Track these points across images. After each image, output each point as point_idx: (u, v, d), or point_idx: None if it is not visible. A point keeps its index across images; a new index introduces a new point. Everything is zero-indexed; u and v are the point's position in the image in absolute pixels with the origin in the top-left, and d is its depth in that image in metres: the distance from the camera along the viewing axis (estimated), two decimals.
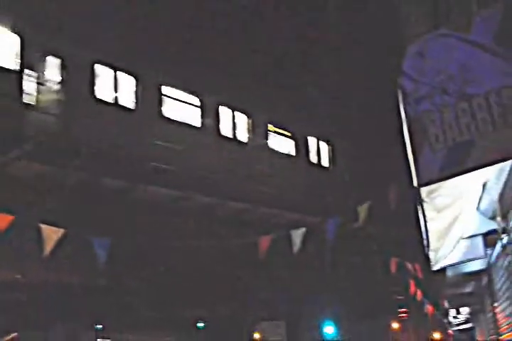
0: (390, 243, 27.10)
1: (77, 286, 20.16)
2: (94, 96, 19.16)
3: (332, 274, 25.75)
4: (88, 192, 18.78)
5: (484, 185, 7.10)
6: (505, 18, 5.03)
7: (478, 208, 7.81)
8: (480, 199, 7.49)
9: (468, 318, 20.15)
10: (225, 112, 23.29)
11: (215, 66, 23.37)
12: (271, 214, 23.84)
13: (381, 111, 19.61)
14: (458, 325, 22.30)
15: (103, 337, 27.76)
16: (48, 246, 13.33)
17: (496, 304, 10.84)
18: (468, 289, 14.04)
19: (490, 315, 12.20)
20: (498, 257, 9.39)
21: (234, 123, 23.59)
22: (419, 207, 7.63)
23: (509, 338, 9.80)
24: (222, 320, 27.90)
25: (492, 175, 6.85)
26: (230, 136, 23.35)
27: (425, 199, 7.05)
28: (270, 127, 25.21)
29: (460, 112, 5.08)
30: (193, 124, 21.99)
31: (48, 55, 18.23)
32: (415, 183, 5.44)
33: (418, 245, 9.81)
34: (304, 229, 15.39)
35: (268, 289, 24.77)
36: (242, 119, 24.01)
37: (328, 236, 15.06)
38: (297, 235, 15.27)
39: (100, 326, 25.76)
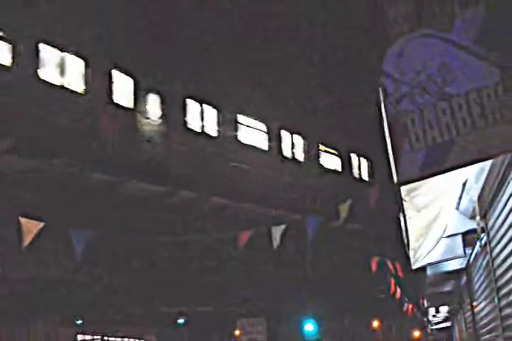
0: (371, 241, 27.25)
1: (57, 281, 20.09)
2: (186, 126, 22.04)
3: (313, 271, 25.84)
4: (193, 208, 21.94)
5: (464, 185, 7.14)
6: (487, 19, 5.06)
7: (457, 207, 7.86)
8: (459, 198, 7.54)
9: (447, 317, 20.30)
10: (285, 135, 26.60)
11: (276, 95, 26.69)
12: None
13: None
14: (437, 323, 22.47)
15: (83, 333, 27.75)
16: (27, 239, 13.31)
17: (474, 303, 10.92)
18: (447, 288, 14.14)
19: (468, 313, 12.29)
20: (477, 256, 9.46)
21: (293, 145, 26.90)
22: (399, 206, 7.66)
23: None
24: (203, 316, 27.94)
25: (472, 175, 6.89)
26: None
27: (405, 198, 7.08)
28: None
29: (440, 112, 5.10)
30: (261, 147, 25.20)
31: (150, 93, 21.03)
32: (395, 182, 5.45)
33: (399, 244, 9.88)
34: (283, 226, 15.44)
35: (249, 286, 24.81)
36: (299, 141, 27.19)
37: (308, 233, 15.12)
38: (277, 231, 15.31)
39: (80, 321, 25.73)
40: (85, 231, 14.39)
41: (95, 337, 28.68)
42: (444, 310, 18.85)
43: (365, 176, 30.84)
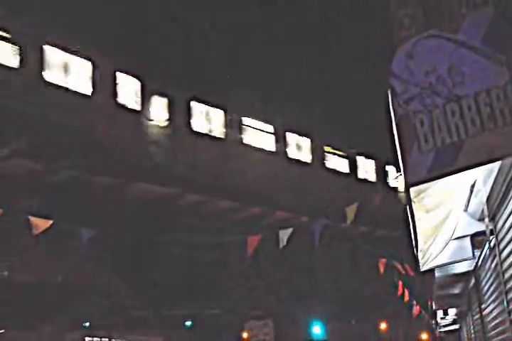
0: (380, 243, 27.19)
1: (64, 285, 20.11)
2: (191, 129, 22.31)
3: (321, 274, 25.79)
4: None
5: (472, 187, 7.11)
6: (495, 20, 5.05)
7: (466, 209, 7.82)
8: (468, 200, 7.50)
9: (455, 319, 20.21)
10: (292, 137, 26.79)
11: (286, 96, 26.78)
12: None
13: None
14: (445, 326, 22.37)
15: (90, 336, 27.73)
16: (37, 230, 13.34)
17: (483, 305, 10.87)
18: (455, 290, 14.08)
19: (477, 316, 12.23)
20: (485, 259, 9.42)
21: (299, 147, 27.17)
22: (407, 208, 7.63)
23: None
24: (210, 319, 27.90)
25: (480, 177, 6.86)
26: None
27: (414, 199, 7.06)
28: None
29: (449, 113, 5.09)
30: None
31: (155, 95, 21.40)
32: (404, 184, 5.44)
33: (407, 246, 9.84)
34: (290, 229, 15.43)
35: (257, 288, 24.78)
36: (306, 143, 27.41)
37: (316, 236, 15.10)
38: (285, 234, 15.28)
39: (87, 324, 25.71)
40: (93, 234, 14.39)
41: (102, 339, 28.66)
42: (452, 312, 18.76)
43: (372, 178, 30.70)
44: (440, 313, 19.77)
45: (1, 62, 17.51)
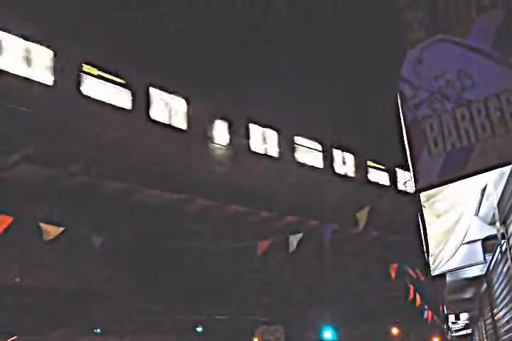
0: (390, 248, 27.12)
1: (75, 290, 20.15)
2: (250, 149, 23.84)
3: (331, 278, 25.74)
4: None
5: (483, 191, 7.09)
6: (504, 24, 5.04)
7: (477, 214, 7.79)
8: (479, 204, 7.48)
9: (467, 324, 20.11)
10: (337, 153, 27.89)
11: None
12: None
13: None
14: (457, 330, 22.27)
15: None
16: (48, 237, 13.39)
17: (495, 310, 10.82)
18: (467, 295, 14.02)
19: (489, 321, 12.17)
20: (497, 263, 9.37)
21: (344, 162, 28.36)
22: (418, 213, 7.62)
23: None
24: (221, 325, 27.87)
25: (491, 181, 6.83)
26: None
27: (424, 204, 7.05)
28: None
29: (459, 117, 5.08)
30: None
31: (218, 119, 22.98)
32: (414, 188, 5.43)
33: (419, 250, 9.81)
34: (300, 234, 15.46)
35: (267, 293, 24.75)
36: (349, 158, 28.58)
37: (325, 240, 15.13)
38: (294, 240, 15.30)
39: (99, 330, 25.73)
40: (103, 240, 14.43)
41: None
42: (464, 317, 18.68)
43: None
44: (452, 318, 19.69)
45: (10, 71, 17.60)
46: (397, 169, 30.53)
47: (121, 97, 20.16)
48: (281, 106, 24.66)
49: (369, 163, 29.46)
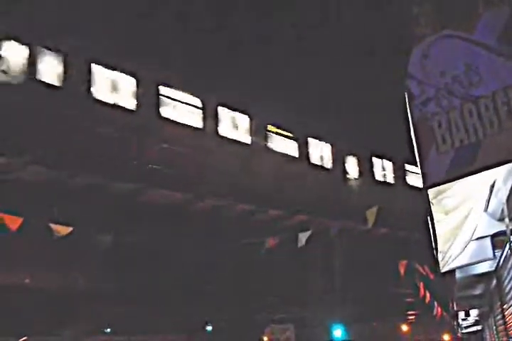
0: (399, 245, 27.09)
1: (84, 291, 20.20)
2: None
3: (341, 276, 25.72)
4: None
5: (492, 187, 7.06)
6: (510, 19, 5.02)
7: (486, 210, 7.77)
8: (488, 200, 7.45)
9: (477, 320, 20.07)
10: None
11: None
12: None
13: None
14: (467, 327, 22.23)
15: None
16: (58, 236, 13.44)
17: (505, 306, 10.80)
18: (477, 291, 13.98)
19: (499, 316, 12.15)
20: (506, 259, 9.35)
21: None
22: (427, 209, 7.59)
23: None
24: (231, 324, 27.90)
25: (500, 176, 6.81)
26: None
27: (432, 201, 7.02)
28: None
29: (467, 114, 5.06)
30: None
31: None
32: (422, 185, 5.41)
33: (427, 247, 9.79)
34: (309, 232, 15.45)
35: (277, 292, 24.75)
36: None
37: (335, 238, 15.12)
38: (303, 237, 15.30)
39: (108, 330, 25.81)
40: (112, 239, 14.45)
41: None
42: (474, 313, 18.63)
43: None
44: (462, 314, 19.64)
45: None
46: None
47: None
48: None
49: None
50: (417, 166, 5.54)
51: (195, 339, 29.48)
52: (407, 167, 30.70)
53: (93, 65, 19.19)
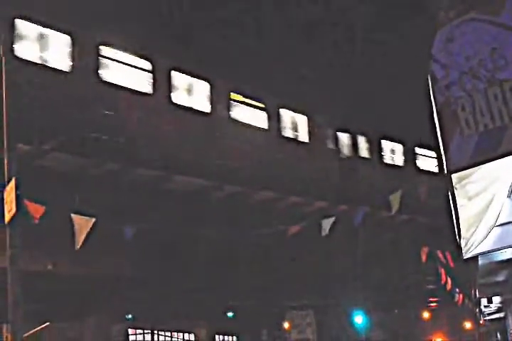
0: (421, 231, 26.96)
1: (107, 278, 20.31)
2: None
3: (362, 263, 25.69)
4: None
5: None
6: None
7: (510, 195, 7.70)
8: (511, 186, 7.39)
9: (499, 307, 19.95)
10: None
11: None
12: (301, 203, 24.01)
13: None
14: (489, 314, 22.10)
15: (134, 328, 28.02)
16: (80, 237, 13.54)
17: None
18: (500, 278, 13.88)
19: None
20: None
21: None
22: (449, 195, 7.54)
23: None
24: (252, 310, 27.99)
25: None
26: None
27: (456, 186, 6.96)
28: None
29: (491, 98, 5.01)
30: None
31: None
32: (446, 170, 5.37)
33: (450, 233, 9.73)
34: (333, 218, 15.42)
35: (297, 278, 24.77)
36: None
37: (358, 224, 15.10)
38: (327, 224, 15.27)
39: (131, 317, 25.99)
40: (134, 227, 14.50)
41: (145, 331, 28.96)
42: (496, 300, 18.52)
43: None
44: (484, 301, 19.54)
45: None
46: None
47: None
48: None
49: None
50: (438, 150, 5.50)
51: (217, 325, 29.62)
52: (418, 150, 30.02)
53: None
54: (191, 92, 21.60)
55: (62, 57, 18.21)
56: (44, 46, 18.05)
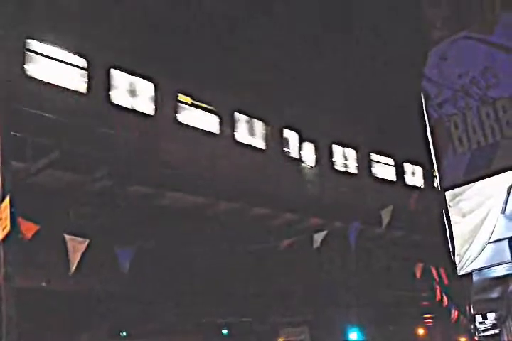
0: (415, 247, 26.99)
1: (100, 294, 20.23)
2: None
3: (356, 279, 25.67)
4: None
5: (510, 189, 7.03)
6: None
7: (503, 212, 7.73)
8: (505, 203, 7.42)
9: (494, 324, 19.93)
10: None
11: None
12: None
13: None
14: (484, 330, 22.08)
15: None
16: (74, 260, 13.50)
17: None
18: (494, 294, 13.90)
19: None
20: None
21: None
22: (443, 212, 7.57)
23: None
24: (246, 327, 27.87)
25: None
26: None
27: (449, 203, 7.00)
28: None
29: (484, 115, 5.07)
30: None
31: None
32: (439, 187, 5.40)
33: (444, 250, 9.74)
34: (325, 232, 15.46)
35: (292, 295, 24.73)
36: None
37: (350, 240, 15.12)
38: (319, 237, 15.30)
39: (125, 333, 25.84)
40: (129, 244, 14.46)
41: None
42: (491, 316, 18.51)
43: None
44: (479, 318, 19.52)
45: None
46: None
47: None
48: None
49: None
50: (432, 167, 5.53)
51: None
52: (373, 157, 29.51)
53: None
54: (134, 93, 20.64)
55: None
56: None
